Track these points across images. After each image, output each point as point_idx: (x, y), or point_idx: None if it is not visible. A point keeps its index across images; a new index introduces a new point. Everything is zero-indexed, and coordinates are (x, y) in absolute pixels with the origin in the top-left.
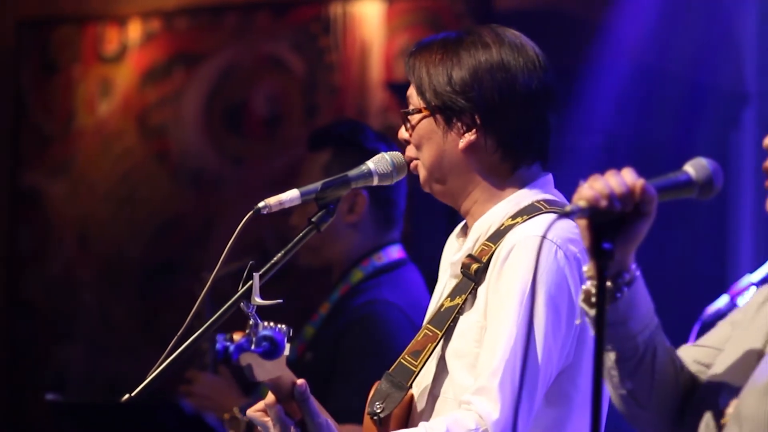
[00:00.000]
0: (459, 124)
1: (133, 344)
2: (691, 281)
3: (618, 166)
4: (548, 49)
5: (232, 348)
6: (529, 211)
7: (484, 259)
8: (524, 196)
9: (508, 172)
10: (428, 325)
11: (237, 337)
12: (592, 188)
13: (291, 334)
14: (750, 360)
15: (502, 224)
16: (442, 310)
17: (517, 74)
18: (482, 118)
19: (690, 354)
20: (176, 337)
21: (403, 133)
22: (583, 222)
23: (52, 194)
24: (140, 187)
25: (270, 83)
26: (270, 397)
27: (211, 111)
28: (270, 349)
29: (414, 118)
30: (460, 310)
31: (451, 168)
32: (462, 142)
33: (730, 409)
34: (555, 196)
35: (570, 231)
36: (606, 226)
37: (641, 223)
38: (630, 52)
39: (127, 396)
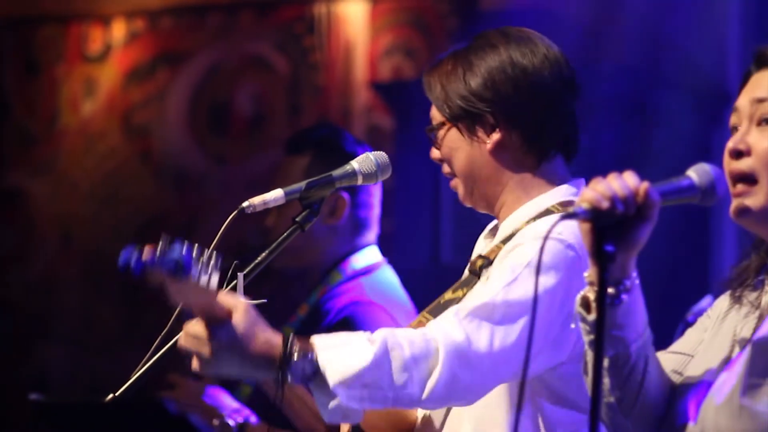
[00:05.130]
0: (481, 128)
1: (117, 344)
2: (675, 281)
3: (601, 167)
4: None
5: (134, 262)
6: (545, 214)
7: (492, 257)
8: (547, 199)
9: (533, 166)
10: (425, 313)
11: (146, 253)
12: (595, 190)
13: (217, 263)
14: (714, 371)
15: (517, 228)
16: (442, 302)
17: (528, 68)
18: (502, 116)
19: (664, 362)
20: (160, 336)
21: (434, 153)
22: (585, 225)
23: (35, 194)
24: (124, 186)
25: (254, 83)
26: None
27: (195, 110)
28: (173, 269)
29: (440, 134)
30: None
31: (482, 173)
32: (489, 144)
33: (694, 423)
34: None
35: (575, 232)
36: (608, 229)
37: (643, 227)
38: (613, 52)
39: (110, 396)
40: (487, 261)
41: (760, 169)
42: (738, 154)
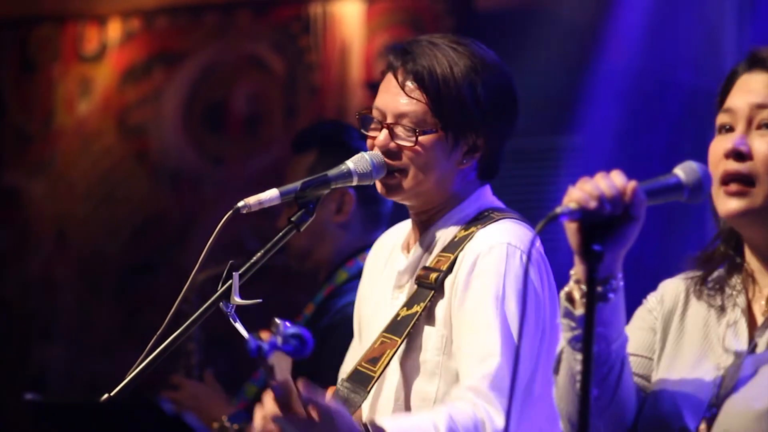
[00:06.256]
0: (464, 144)
1: (113, 343)
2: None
3: (600, 167)
4: (528, 49)
5: (266, 346)
6: (481, 220)
7: (444, 268)
8: (469, 205)
9: (473, 186)
10: (385, 333)
11: (265, 336)
12: (582, 190)
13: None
14: (707, 377)
15: (455, 235)
16: (398, 318)
17: (515, 96)
18: (487, 140)
19: None
20: (155, 336)
21: (389, 143)
22: (572, 225)
23: (31, 193)
24: (120, 186)
25: (250, 83)
26: (268, 408)
27: (191, 110)
28: (299, 347)
29: (426, 139)
30: (419, 318)
31: (440, 183)
32: (465, 164)
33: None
34: (495, 203)
35: (529, 235)
36: (595, 228)
37: (630, 226)
38: (611, 52)
39: (106, 396)
40: (443, 273)
41: (762, 172)
42: (738, 156)
